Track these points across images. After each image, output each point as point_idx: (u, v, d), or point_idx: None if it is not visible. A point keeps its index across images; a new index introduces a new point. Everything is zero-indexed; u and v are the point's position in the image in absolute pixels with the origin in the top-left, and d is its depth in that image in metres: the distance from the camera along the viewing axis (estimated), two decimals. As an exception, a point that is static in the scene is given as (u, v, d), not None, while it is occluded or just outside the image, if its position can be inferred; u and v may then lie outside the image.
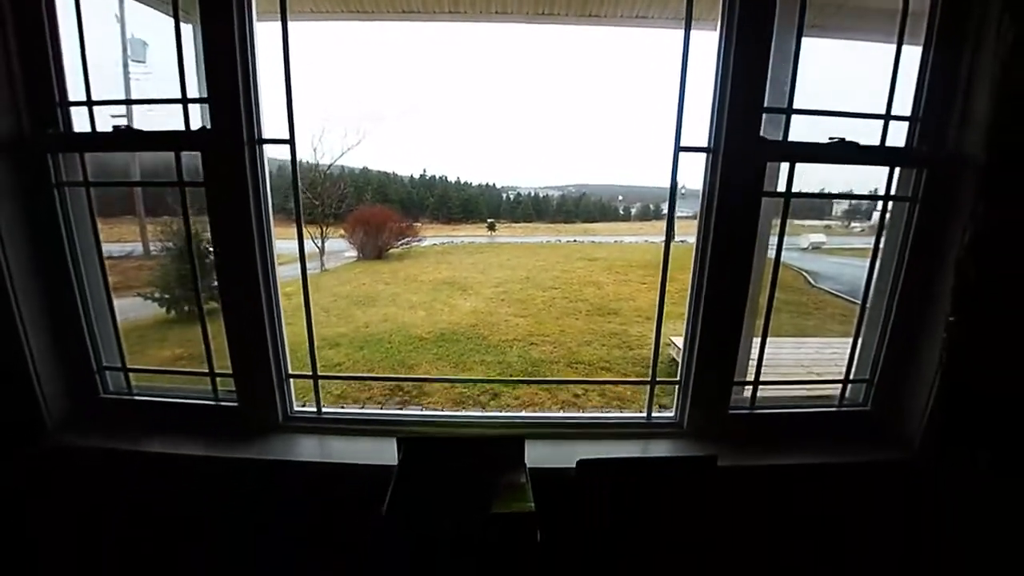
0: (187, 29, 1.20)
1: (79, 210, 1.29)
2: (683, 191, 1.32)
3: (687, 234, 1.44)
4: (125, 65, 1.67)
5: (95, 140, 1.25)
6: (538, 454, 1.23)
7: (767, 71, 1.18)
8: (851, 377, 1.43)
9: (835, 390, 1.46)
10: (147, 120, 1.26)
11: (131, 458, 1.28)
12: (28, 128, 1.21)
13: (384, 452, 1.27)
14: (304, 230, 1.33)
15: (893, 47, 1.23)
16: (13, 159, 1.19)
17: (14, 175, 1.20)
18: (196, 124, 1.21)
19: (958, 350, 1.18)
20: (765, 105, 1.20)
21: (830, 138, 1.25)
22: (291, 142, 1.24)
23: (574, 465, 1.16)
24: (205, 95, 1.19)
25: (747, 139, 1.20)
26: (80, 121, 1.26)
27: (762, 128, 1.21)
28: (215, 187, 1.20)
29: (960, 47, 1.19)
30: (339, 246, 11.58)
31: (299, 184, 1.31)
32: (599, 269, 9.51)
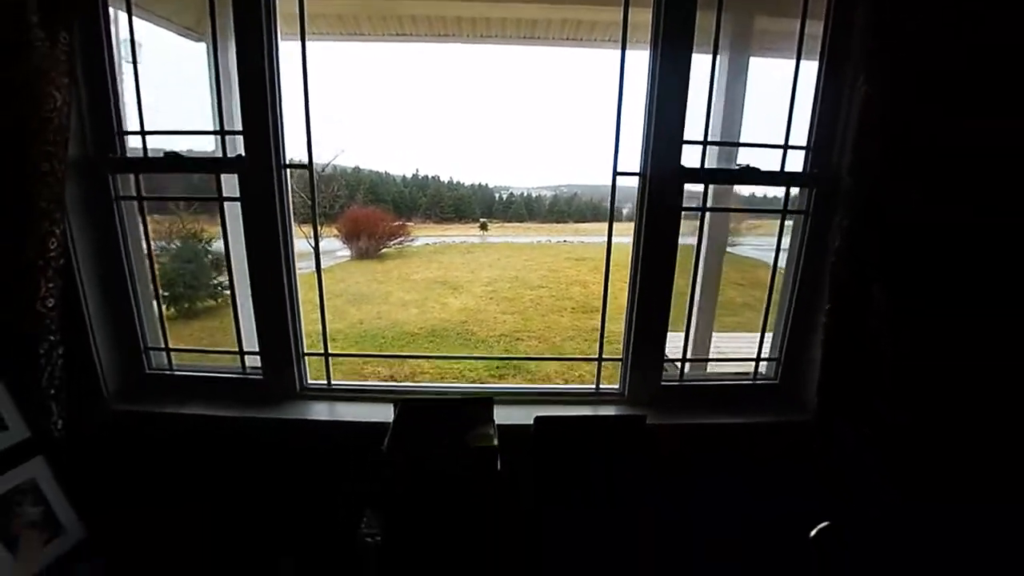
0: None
1: (132, 219, 1.59)
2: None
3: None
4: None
5: (148, 163, 1.54)
6: (505, 415, 1.55)
7: (685, 112, 1.50)
8: (763, 356, 1.77)
9: (751, 367, 1.79)
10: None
11: (175, 419, 1.58)
12: (93, 153, 1.50)
13: (381, 414, 1.58)
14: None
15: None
16: (82, 179, 1.48)
17: (83, 192, 1.49)
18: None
19: (833, 334, 1.51)
20: (685, 138, 1.53)
21: (737, 165, 1.59)
22: (310, 167, 1.56)
23: (532, 422, 1.48)
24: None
25: (671, 166, 1.53)
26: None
27: (682, 157, 1.53)
28: (251, 203, 1.50)
29: (840, 92, 1.52)
30: (332, 245, 11.83)
31: (316, 199, 1.63)
32: (587, 269, 9.82)
